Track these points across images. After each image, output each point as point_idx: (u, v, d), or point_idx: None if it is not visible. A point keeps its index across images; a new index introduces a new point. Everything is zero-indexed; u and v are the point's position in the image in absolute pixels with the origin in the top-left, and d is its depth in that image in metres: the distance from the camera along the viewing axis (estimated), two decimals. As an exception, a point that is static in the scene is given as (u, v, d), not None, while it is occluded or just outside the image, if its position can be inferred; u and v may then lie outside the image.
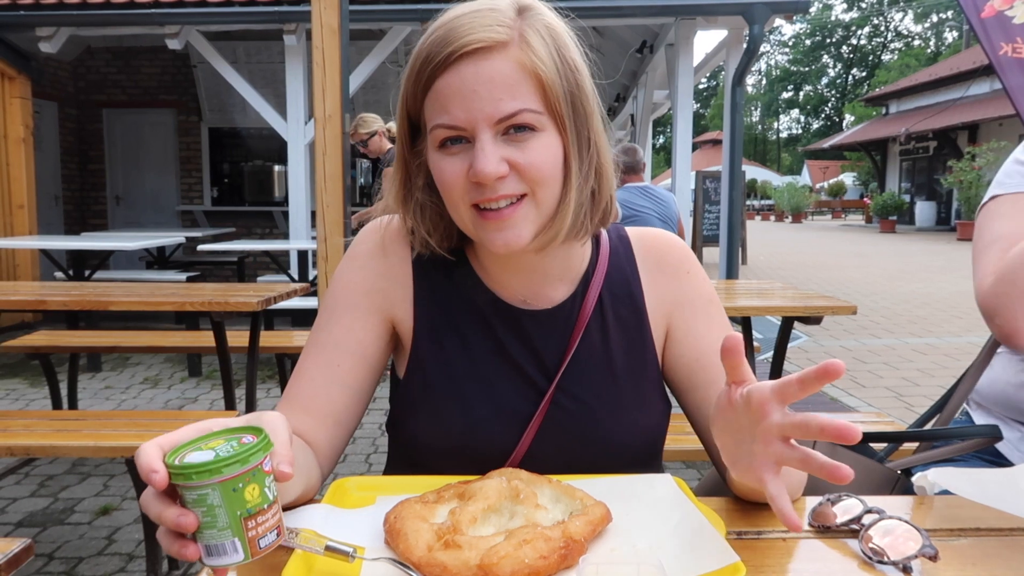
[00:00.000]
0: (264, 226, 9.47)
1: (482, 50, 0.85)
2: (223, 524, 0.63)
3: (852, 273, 12.67)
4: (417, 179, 0.98)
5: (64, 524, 3.07)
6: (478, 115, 0.85)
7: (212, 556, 0.64)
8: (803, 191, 34.93)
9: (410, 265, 1.04)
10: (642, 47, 8.85)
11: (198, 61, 8.72)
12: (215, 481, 0.62)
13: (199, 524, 0.62)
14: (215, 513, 0.62)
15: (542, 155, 0.88)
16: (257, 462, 0.63)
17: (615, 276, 1.05)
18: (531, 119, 0.87)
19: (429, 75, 0.87)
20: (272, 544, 0.65)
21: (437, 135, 0.88)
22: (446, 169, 0.89)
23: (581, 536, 0.73)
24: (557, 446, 0.98)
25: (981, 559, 0.77)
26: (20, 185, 7.03)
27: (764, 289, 3.56)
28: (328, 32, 3.57)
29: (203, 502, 0.62)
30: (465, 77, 0.85)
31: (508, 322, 1.02)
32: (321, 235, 3.63)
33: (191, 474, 0.61)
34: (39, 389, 5.09)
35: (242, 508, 0.63)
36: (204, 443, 0.66)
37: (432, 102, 0.88)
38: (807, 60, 64.30)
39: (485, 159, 0.85)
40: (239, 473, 0.62)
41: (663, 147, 45.50)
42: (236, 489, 0.62)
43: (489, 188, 0.87)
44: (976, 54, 25.36)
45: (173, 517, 0.63)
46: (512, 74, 0.86)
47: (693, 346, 1.03)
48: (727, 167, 6.97)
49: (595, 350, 1.02)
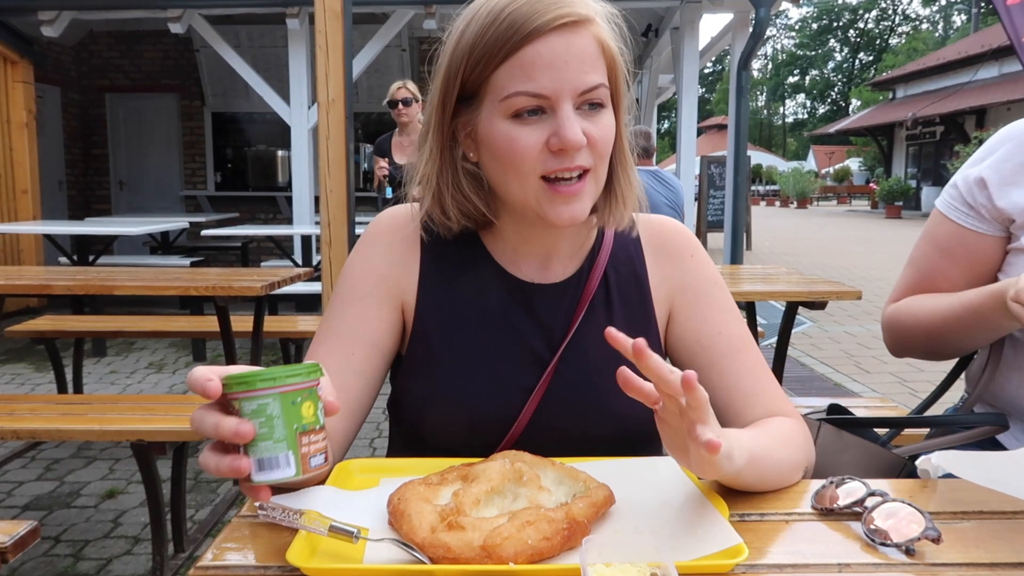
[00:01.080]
0: (268, 211, 9.46)
1: (572, 24, 0.88)
2: (280, 436, 0.63)
3: (857, 259, 12.63)
4: (457, 150, 0.98)
5: (70, 507, 3.10)
6: (565, 86, 0.88)
7: (264, 470, 0.64)
8: (808, 176, 34.80)
9: (419, 246, 1.05)
10: (647, 31, 8.79)
11: (201, 45, 8.68)
12: (277, 390, 0.63)
13: (255, 436, 0.63)
14: (273, 424, 0.63)
15: (609, 130, 0.93)
16: (315, 381, 0.65)
17: (620, 255, 1.07)
18: (603, 95, 0.91)
19: (514, 44, 0.87)
20: (320, 466, 0.67)
21: (515, 103, 0.89)
22: (520, 138, 0.90)
23: (584, 518, 0.73)
24: (558, 419, 0.99)
25: (984, 542, 0.77)
26: (24, 170, 7.03)
27: (768, 274, 3.55)
28: (331, 16, 3.54)
29: (262, 412, 0.63)
30: (556, 48, 0.87)
31: (514, 296, 1.03)
32: (325, 220, 3.62)
33: (255, 381, 0.63)
34: (44, 374, 5.12)
35: (299, 422, 0.64)
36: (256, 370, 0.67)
37: (514, 69, 0.88)
38: (813, 44, 63.81)
39: (572, 127, 0.88)
40: (299, 387, 0.64)
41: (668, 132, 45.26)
42: (295, 403, 0.63)
43: (568, 157, 0.90)
44: (984, 38, 25.15)
45: (233, 425, 0.63)
46: (594, 49, 0.90)
47: (695, 328, 1.04)
48: (732, 152, 6.94)
49: (599, 324, 1.02)
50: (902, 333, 1.33)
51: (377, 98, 9.07)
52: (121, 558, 2.67)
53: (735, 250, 6.99)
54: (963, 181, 1.28)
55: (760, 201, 38.98)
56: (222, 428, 0.64)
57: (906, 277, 1.36)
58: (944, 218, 1.30)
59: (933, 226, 1.33)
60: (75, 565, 2.62)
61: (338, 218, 3.64)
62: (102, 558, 2.67)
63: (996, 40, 22.48)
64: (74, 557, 2.68)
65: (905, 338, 1.33)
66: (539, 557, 0.70)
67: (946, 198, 1.31)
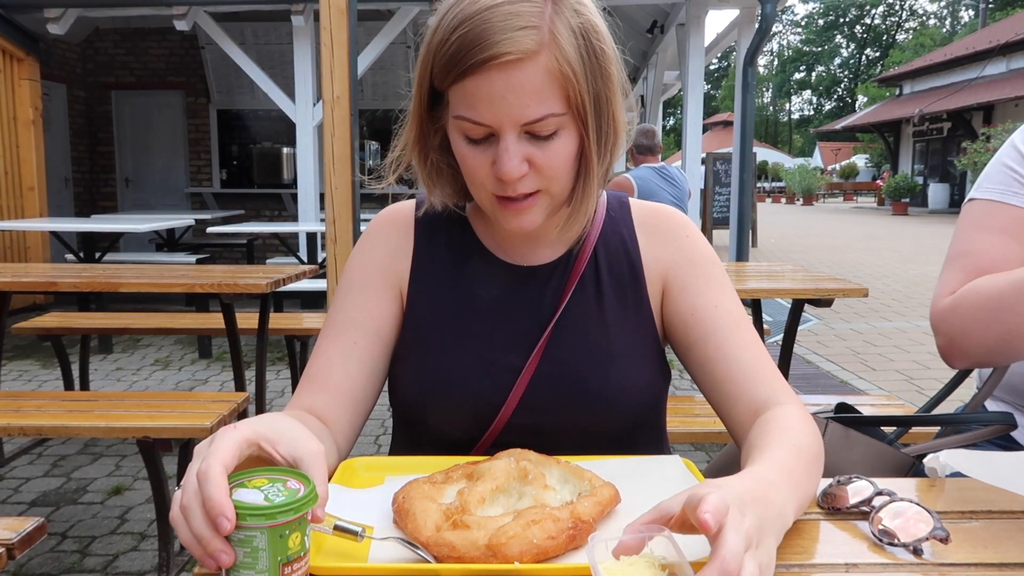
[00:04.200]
0: (273, 208, 9.47)
1: (513, 62, 0.85)
2: (262, 567, 0.62)
3: (863, 256, 12.59)
4: (433, 139, 0.99)
5: (77, 504, 3.11)
6: (505, 118, 0.87)
7: None
8: (815, 173, 34.65)
9: (412, 234, 1.08)
10: (652, 27, 8.77)
11: (206, 42, 8.70)
12: (266, 526, 0.61)
13: (237, 563, 0.62)
14: (257, 555, 0.62)
15: (560, 154, 0.91)
16: (306, 512, 0.64)
17: (611, 234, 1.07)
18: (553, 123, 0.89)
19: (459, 72, 0.87)
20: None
21: (462, 126, 0.90)
22: (469, 158, 0.92)
23: (589, 517, 0.73)
24: (548, 400, 0.99)
25: (992, 541, 0.77)
26: (30, 167, 7.05)
27: (774, 271, 3.54)
28: (336, 13, 3.54)
29: (248, 543, 0.62)
30: (494, 84, 0.86)
31: (503, 279, 1.04)
32: (330, 217, 3.62)
33: (247, 515, 0.61)
34: (51, 370, 5.14)
35: (283, 554, 0.63)
36: (248, 480, 0.66)
37: (459, 94, 0.89)
38: (820, 40, 63.56)
39: (508, 160, 0.88)
40: (289, 521, 0.62)
41: (673, 129, 45.21)
42: (282, 536, 0.62)
43: (510, 186, 0.91)
44: (992, 33, 25.02)
45: (215, 548, 0.61)
46: (540, 81, 0.86)
47: (690, 301, 1.03)
48: (738, 149, 6.92)
49: (588, 304, 1.03)
50: (967, 323, 1.16)
51: (382, 95, 9.08)
52: (128, 554, 2.68)
53: (741, 247, 6.97)
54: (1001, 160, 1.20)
55: (766, 198, 38.90)
56: (207, 545, 0.62)
57: (961, 270, 1.21)
58: (999, 205, 1.20)
59: (984, 217, 1.22)
60: (82, 561, 2.63)
61: (343, 215, 3.64)
62: (108, 554, 2.68)
63: (1004, 36, 22.38)
64: (81, 553, 2.69)
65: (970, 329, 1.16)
66: (544, 556, 0.69)
67: (990, 185, 1.22)
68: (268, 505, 0.62)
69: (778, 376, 0.98)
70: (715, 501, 0.60)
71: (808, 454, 0.84)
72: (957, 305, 1.17)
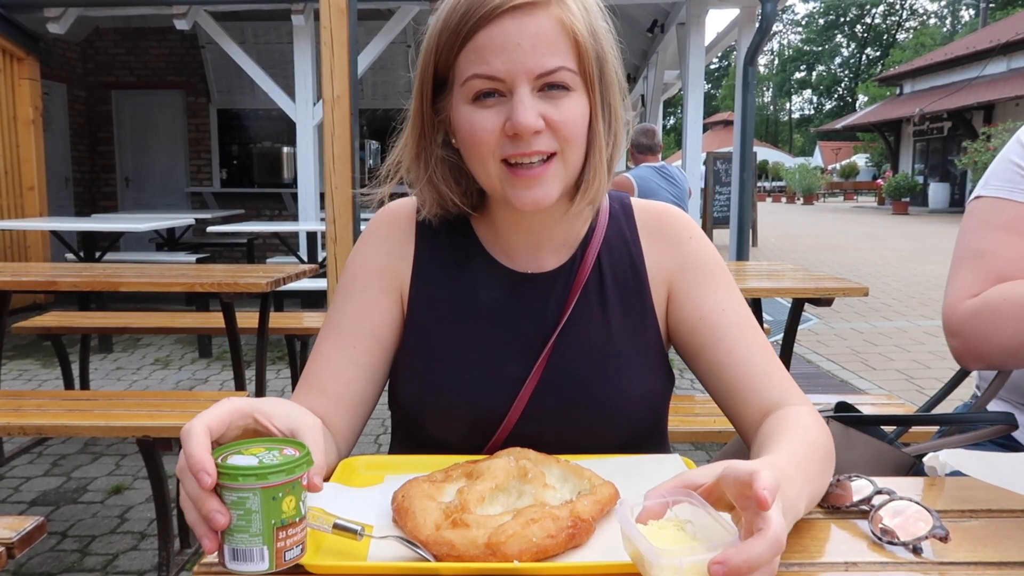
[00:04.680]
0: (273, 208, 9.48)
1: (526, 5, 0.86)
2: (256, 530, 0.62)
3: (864, 255, 12.58)
4: (436, 135, 0.98)
5: (77, 503, 3.11)
6: (519, 68, 0.87)
7: (236, 560, 0.63)
8: (815, 172, 34.65)
9: (413, 237, 1.06)
10: (653, 26, 8.76)
11: (206, 42, 8.69)
12: (259, 486, 0.62)
13: (231, 526, 0.62)
14: (251, 518, 0.62)
15: (575, 114, 0.90)
16: (300, 475, 0.64)
17: (615, 240, 1.06)
18: (567, 78, 0.89)
19: (471, 27, 0.87)
20: (296, 558, 0.65)
21: (472, 86, 0.89)
22: (478, 122, 0.90)
23: (589, 515, 0.73)
24: (552, 410, 0.98)
25: (992, 540, 0.77)
26: (30, 167, 7.05)
27: (775, 271, 3.54)
28: (336, 12, 3.54)
29: (241, 505, 0.62)
30: (509, 31, 0.86)
31: (506, 286, 1.03)
32: (330, 216, 3.62)
33: (238, 475, 0.61)
34: (51, 370, 5.14)
35: (277, 518, 0.63)
36: (245, 448, 0.66)
37: (470, 54, 0.88)
38: (820, 39, 63.52)
39: (524, 111, 0.87)
40: (282, 483, 0.62)
41: (673, 128, 45.19)
42: (276, 498, 0.62)
43: (524, 142, 0.88)
44: (992, 33, 25.00)
45: (210, 508, 0.62)
46: (553, 31, 0.87)
47: (696, 306, 1.02)
48: (738, 148, 6.91)
49: (592, 312, 1.02)
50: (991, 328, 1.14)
51: (383, 94, 9.08)
52: (127, 553, 2.68)
53: (741, 246, 6.97)
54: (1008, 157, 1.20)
55: (766, 197, 38.88)
56: (200, 504, 0.62)
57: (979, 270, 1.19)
58: (1008, 202, 1.19)
59: (992, 215, 1.20)
60: (82, 560, 2.63)
61: (343, 214, 3.64)
62: (108, 553, 2.68)
63: (1004, 35, 22.37)
64: (81, 552, 2.69)
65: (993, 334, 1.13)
66: (544, 555, 0.69)
67: (997, 183, 1.21)
68: (260, 466, 0.62)
69: (788, 377, 0.98)
70: (771, 479, 0.61)
71: (821, 452, 0.84)
72: (980, 310, 1.15)
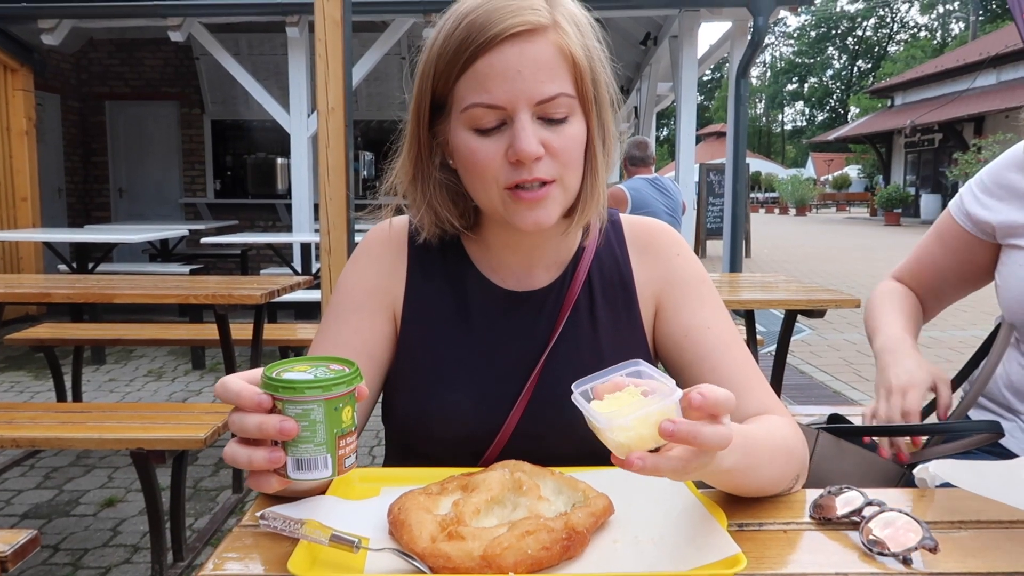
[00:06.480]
0: (267, 219, 9.47)
1: (526, 32, 0.87)
2: (320, 439, 0.67)
3: (856, 266, 12.64)
4: (434, 158, 0.99)
5: (69, 516, 3.09)
6: (520, 95, 0.87)
7: (301, 470, 0.68)
8: (807, 184, 34.84)
9: (406, 255, 1.06)
10: (646, 39, 8.82)
11: (201, 53, 8.71)
12: (322, 397, 0.66)
13: (297, 437, 0.66)
14: (315, 428, 0.66)
15: (574, 139, 0.91)
16: (356, 386, 0.68)
17: (604, 257, 1.07)
18: (566, 104, 0.89)
19: (471, 54, 0.87)
20: (352, 466, 0.70)
21: (473, 115, 0.89)
22: (480, 151, 0.90)
23: (583, 527, 0.74)
24: (544, 428, 0.98)
25: (981, 551, 0.78)
26: (23, 178, 7.04)
27: (768, 282, 3.56)
28: (331, 24, 3.55)
29: (306, 416, 0.66)
30: (509, 58, 0.87)
31: (497, 305, 1.03)
32: (324, 228, 3.62)
33: (303, 388, 0.65)
34: (43, 382, 5.11)
35: (338, 427, 0.67)
36: (291, 367, 0.70)
37: (470, 81, 0.89)
38: (812, 52, 63.93)
39: (527, 138, 0.87)
40: (343, 394, 0.67)
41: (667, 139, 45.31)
42: (337, 408, 0.67)
43: (527, 169, 0.89)
44: (983, 45, 25.24)
45: (277, 423, 0.66)
46: (552, 57, 0.88)
47: (682, 322, 1.03)
48: (731, 160, 6.95)
49: (583, 330, 1.03)
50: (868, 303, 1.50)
51: (377, 106, 9.11)
52: (120, 567, 2.66)
53: (734, 258, 6.99)
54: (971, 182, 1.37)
55: (759, 208, 39.05)
56: (266, 427, 0.67)
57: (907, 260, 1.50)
58: (950, 217, 1.39)
59: (940, 220, 1.43)
60: (74, 573, 2.62)
61: (338, 226, 3.64)
62: (101, 567, 2.66)
63: (994, 48, 22.57)
64: (73, 566, 2.67)
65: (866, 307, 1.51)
66: (538, 567, 0.70)
67: (956, 200, 1.39)
68: (324, 378, 0.67)
69: (770, 393, 1.00)
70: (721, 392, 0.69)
71: (778, 442, 0.88)
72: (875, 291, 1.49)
